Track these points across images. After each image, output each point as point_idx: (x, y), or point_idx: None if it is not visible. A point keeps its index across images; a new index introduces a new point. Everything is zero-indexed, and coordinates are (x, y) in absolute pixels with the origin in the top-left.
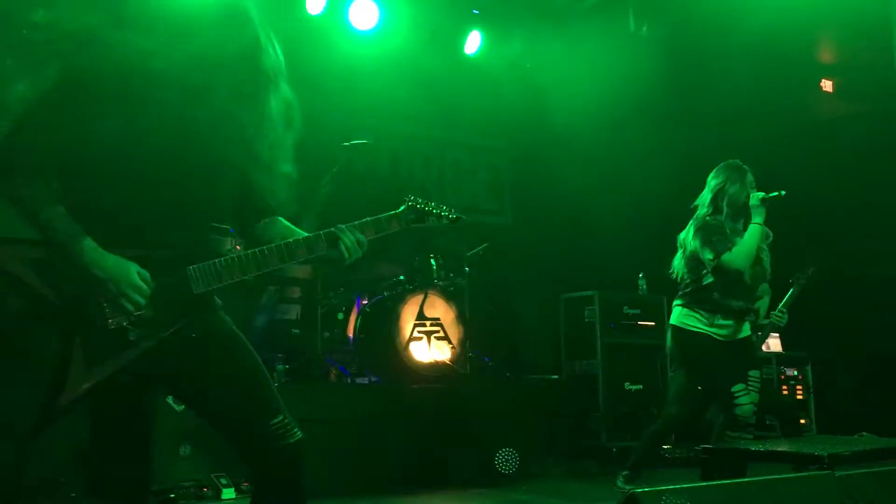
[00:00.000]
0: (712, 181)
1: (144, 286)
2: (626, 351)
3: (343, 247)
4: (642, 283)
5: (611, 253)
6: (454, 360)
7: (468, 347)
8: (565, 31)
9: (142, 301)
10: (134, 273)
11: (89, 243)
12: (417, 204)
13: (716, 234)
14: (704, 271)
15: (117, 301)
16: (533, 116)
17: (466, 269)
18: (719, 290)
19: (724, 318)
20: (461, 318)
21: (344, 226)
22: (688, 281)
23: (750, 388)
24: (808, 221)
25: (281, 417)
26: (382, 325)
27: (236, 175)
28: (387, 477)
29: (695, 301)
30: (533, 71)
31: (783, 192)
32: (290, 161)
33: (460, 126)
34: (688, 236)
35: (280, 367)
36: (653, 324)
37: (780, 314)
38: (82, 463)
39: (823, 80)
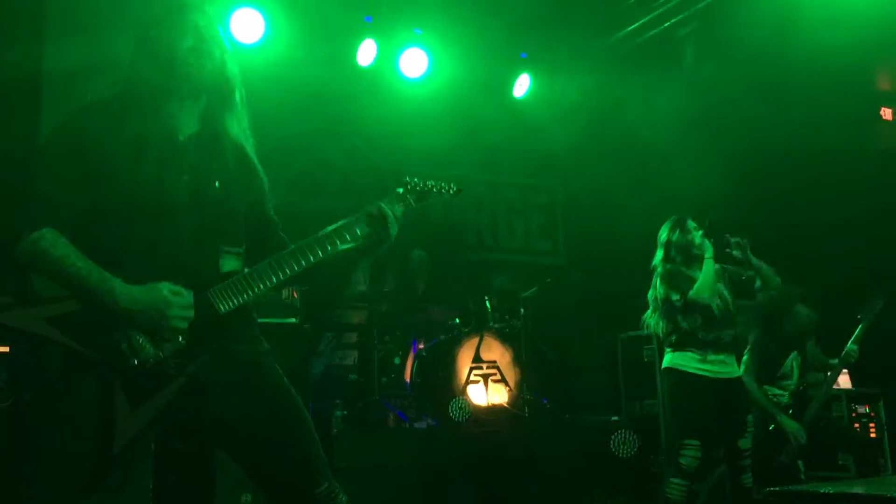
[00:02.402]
0: (661, 237)
1: (182, 297)
2: None
3: (388, 222)
4: None
5: None
6: (512, 402)
7: (525, 390)
8: (615, 70)
9: (190, 314)
10: (166, 290)
11: (118, 282)
12: (418, 186)
13: (676, 278)
14: (679, 316)
15: (166, 325)
16: (585, 155)
17: (521, 310)
18: (699, 327)
19: (716, 353)
20: (517, 360)
21: (376, 202)
22: (668, 330)
23: (747, 432)
24: (870, 254)
25: (326, 485)
26: (439, 369)
27: (242, 197)
28: None
29: (682, 343)
30: (583, 110)
31: (708, 220)
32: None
33: (512, 167)
34: (655, 290)
35: (338, 413)
36: None
37: (851, 351)
38: None
39: (883, 109)
